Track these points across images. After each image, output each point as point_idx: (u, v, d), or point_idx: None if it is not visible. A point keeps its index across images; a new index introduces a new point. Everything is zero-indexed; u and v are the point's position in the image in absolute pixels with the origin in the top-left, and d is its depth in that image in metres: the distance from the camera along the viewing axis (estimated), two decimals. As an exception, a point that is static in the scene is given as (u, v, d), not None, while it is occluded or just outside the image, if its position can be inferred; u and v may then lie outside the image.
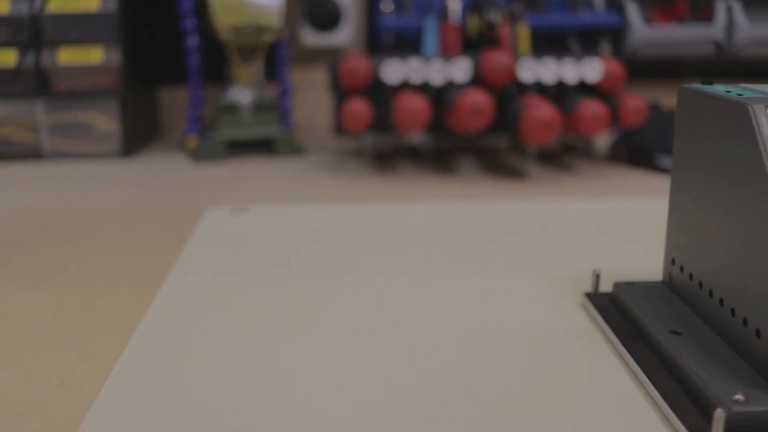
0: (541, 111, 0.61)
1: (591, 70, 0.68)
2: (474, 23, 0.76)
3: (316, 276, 0.44)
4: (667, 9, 0.85)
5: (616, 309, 0.37)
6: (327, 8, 0.82)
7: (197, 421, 0.29)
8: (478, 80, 0.67)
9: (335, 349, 0.35)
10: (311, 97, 0.89)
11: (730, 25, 0.81)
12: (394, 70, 0.67)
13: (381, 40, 0.84)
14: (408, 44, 0.82)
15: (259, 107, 0.77)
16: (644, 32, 0.80)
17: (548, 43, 0.83)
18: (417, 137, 0.72)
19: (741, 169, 0.30)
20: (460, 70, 0.67)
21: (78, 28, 0.77)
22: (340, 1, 0.84)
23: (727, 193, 0.31)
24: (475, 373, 0.32)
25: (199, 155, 0.76)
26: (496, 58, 0.65)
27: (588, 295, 0.39)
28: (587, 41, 0.84)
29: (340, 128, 0.72)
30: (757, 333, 0.29)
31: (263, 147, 0.78)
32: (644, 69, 0.89)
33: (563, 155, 0.78)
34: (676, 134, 0.36)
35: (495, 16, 0.72)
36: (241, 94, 0.77)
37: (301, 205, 0.60)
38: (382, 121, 0.68)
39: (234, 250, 0.49)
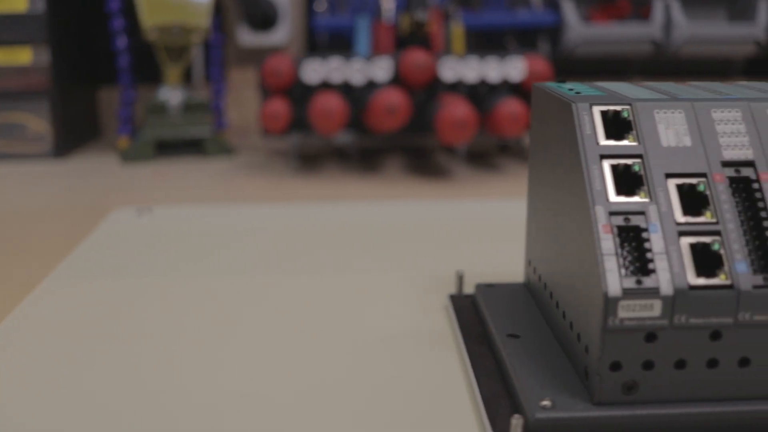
0: (456, 111, 0.60)
1: (514, 69, 0.67)
2: (405, 22, 0.75)
3: (196, 277, 0.43)
4: (608, 7, 0.84)
5: (474, 311, 0.37)
6: (263, 8, 0.81)
7: (30, 428, 0.28)
8: (398, 80, 0.66)
9: (185, 351, 0.34)
10: (249, 97, 0.88)
11: (668, 23, 0.80)
12: (313, 70, 0.66)
13: (317, 40, 0.83)
14: (344, 44, 0.82)
15: (189, 107, 0.76)
16: (581, 30, 0.80)
17: (485, 42, 0.83)
18: (344, 137, 0.71)
19: (566, 169, 0.29)
20: (381, 69, 0.66)
21: (6, 29, 0.76)
22: (277, 0, 0.83)
23: (555, 193, 0.31)
24: (311, 374, 0.32)
25: (127, 156, 0.75)
26: (415, 58, 0.64)
27: (452, 297, 0.38)
28: (525, 40, 0.83)
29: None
30: (578, 337, 0.28)
31: (194, 147, 0.78)
32: (589, 68, 0.88)
33: (494, 155, 0.78)
34: (530, 133, 0.35)
35: (421, 15, 0.72)
36: (170, 94, 0.76)
37: (211, 205, 0.59)
38: (306, 122, 0.68)
39: (126, 251, 0.48)
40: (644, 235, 0.26)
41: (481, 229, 0.52)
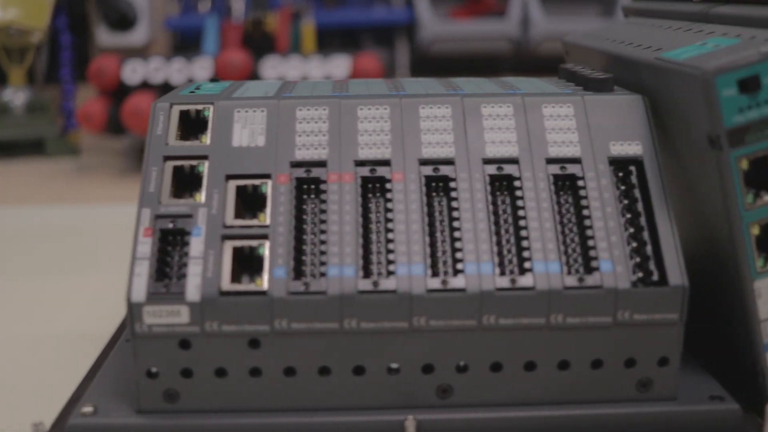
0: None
1: (337, 67, 0.66)
2: (250, 21, 0.74)
3: None
4: (472, 4, 0.83)
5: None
6: (119, 8, 0.81)
7: None
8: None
9: None
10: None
11: (526, 21, 0.79)
12: (133, 71, 0.65)
13: (179, 40, 0.83)
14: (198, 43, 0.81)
15: (33, 108, 0.76)
16: (434, 28, 0.79)
17: (341, 40, 0.82)
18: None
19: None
20: (202, 69, 0.65)
21: None
22: (135, 0, 0.82)
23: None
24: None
25: (-31, 157, 0.75)
26: (229, 57, 0.64)
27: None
28: (382, 37, 0.82)
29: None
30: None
31: (38, 148, 0.77)
32: (449, 66, 0.87)
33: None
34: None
35: (257, 14, 0.71)
36: (13, 95, 0.76)
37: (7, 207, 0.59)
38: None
39: None
40: (186, 238, 0.25)
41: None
